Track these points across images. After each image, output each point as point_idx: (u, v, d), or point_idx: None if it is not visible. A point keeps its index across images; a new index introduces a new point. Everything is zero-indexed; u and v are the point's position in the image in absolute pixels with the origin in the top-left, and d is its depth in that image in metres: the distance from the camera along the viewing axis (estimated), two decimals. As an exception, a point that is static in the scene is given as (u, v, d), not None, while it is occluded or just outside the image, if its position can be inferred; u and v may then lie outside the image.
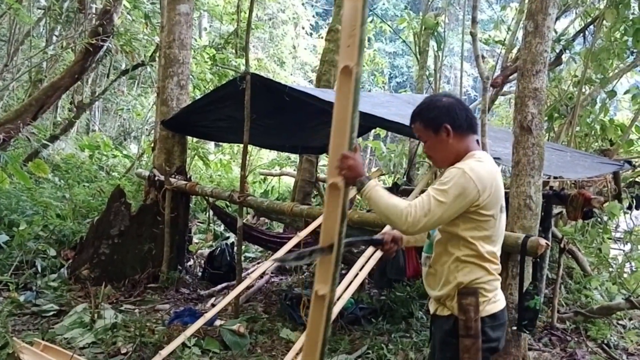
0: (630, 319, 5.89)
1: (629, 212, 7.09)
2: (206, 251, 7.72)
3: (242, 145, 5.74)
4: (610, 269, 6.69)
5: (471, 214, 2.27)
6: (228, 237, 8.68)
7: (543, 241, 3.49)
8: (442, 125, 2.36)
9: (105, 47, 9.84)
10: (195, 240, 8.38)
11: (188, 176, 6.95)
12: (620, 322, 5.77)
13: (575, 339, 5.27)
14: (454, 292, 2.33)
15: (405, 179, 7.94)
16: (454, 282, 2.33)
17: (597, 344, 5.23)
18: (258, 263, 7.84)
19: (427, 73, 10.61)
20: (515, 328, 3.60)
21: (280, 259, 2.64)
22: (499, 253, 2.40)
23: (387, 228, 2.77)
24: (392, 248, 2.69)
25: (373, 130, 10.95)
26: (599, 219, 6.88)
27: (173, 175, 6.51)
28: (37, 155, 10.41)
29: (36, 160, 9.10)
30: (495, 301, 2.38)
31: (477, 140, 2.46)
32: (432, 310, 2.52)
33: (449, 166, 2.35)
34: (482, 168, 2.28)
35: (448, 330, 2.35)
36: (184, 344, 4.39)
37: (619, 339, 5.38)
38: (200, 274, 7.08)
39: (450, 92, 2.53)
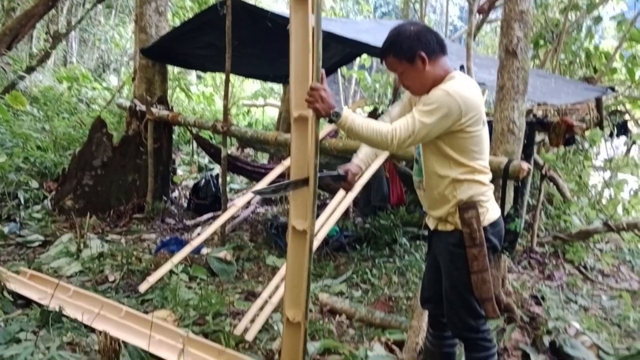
0: (607, 242, 6.06)
1: (610, 139, 7.17)
2: (191, 183, 7.72)
3: (224, 76, 5.64)
4: (590, 196, 6.82)
5: (457, 133, 2.32)
6: (212, 169, 8.67)
7: (525, 165, 3.52)
8: (417, 53, 2.34)
9: (79, -27, 9.43)
10: (179, 172, 8.35)
11: (170, 107, 6.84)
12: (597, 245, 5.94)
13: (554, 262, 5.43)
14: (455, 209, 2.43)
15: (389, 108, 7.89)
16: (454, 201, 2.42)
17: (574, 266, 5.40)
18: (244, 194, 7.86)
19: (412, 1, 10.38)
20: (495, 250, 3.67)
21: (257, 192, 2.66)
22: (488, 163, 2.50)
23: (357, 158, 2.76)
24: (353, 183, 2.71)
25: (358, 60, 10.80)
26: (580, 147, 6.95)
27: (154, 105, 6.40)
28: (14, 87, 10.13)
29: (13, 92, 8.87)
30: (492, 209, 2.49)
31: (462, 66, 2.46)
32: (432, 227, 2.61)
33: (428, 92, 2.36)
34: (465, 89, 2.31)
35: (454, 243, 2.45)
36: (171, 271, 4.45)
37: (596, 261, 5.56)
38: (185, 204, 7.10)
39: (416, 20, 2.46)
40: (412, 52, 2.34)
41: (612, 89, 6.61)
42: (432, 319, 2.79)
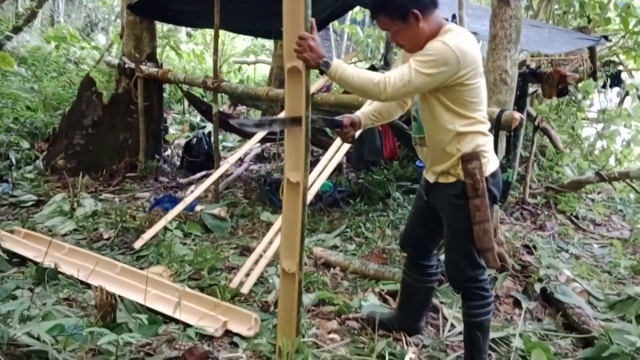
0: (599, 193, 6.11)
1: (604, 90, 7.14)
2: (183, 141, 7.68)
3: (214, 32, 5.54)
4: (583, 147, 6.83)
5: (456, 86, 2.30)
6: (204, 127, 8.60)
7: (517, 115, 3.50)
8: (410, 12, 2.29)
9: None
10: (171, 131, 8.30)
11: (159, 64, 6.74)
12: (589, 195, 5.99)
13: (546, 213, 5.48)
14: (457, 161, 2.42)
15: (382, 62, 7.80)
16: (458, 154, 2.41)
17: (566, 216, 5.46)
18: (236, 152, 7.84)
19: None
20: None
21: (239, 123, 2.64)
22: (486, 113, 2.49)
23: (360, 111, 2.74)
24: (350, 133, 2.67)
25: (350, 14, 10.63)
26: (573, 98, 6.92)
27: (143, 63, 6.30)
28: (1, 48, 9.98)
29: (0, 53, 8.72)
30: (492, 160, 2.50)
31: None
32: (431, 180, 2.59)
33: (423, 48, 2.32)
34: (463, 42, 2.28)
35: (456, 195, 2.46)
36: (165, 228, 4.46)
37: (588, 211, 5.61)
38: (178, 163, 7.08)
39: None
40: (404, 11, 2.29)
41: (606, 37, 6.53)
42: (410, 260, 2.91)
